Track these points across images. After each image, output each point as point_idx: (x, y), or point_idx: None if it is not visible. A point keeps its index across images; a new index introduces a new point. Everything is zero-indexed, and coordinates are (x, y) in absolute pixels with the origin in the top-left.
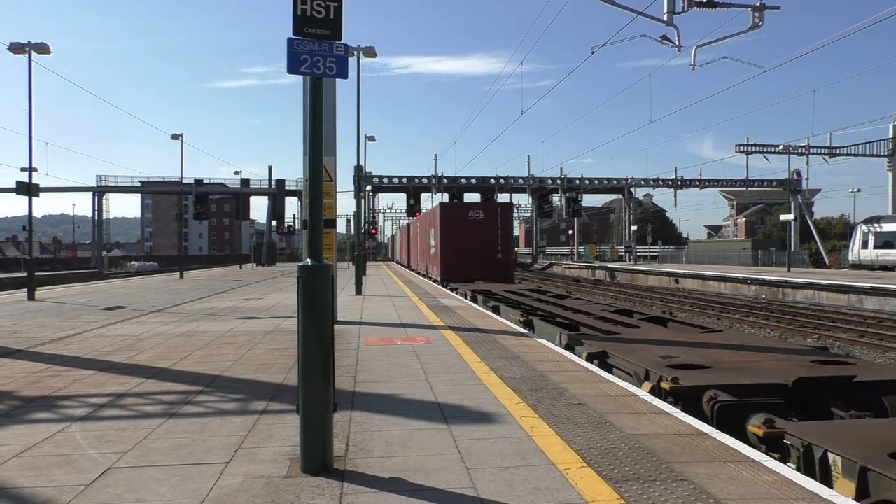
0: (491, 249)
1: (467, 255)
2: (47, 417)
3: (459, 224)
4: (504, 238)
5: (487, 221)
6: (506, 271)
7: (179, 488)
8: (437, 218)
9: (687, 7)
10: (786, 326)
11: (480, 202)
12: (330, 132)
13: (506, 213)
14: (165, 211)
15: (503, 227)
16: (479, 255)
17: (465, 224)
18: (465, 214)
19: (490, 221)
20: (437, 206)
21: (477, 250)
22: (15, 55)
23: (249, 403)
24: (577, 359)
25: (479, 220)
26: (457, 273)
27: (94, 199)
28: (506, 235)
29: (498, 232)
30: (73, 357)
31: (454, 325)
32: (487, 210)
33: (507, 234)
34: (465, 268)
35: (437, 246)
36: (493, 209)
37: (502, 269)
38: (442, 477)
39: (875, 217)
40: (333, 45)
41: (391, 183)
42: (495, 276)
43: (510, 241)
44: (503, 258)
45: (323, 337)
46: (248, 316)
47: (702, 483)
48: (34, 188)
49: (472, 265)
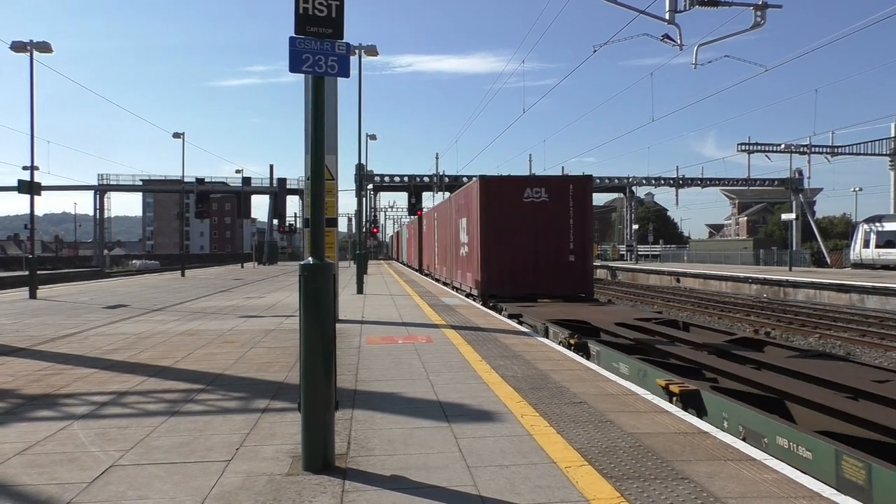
0: (559, 248)
1: (522, 256)
2: (49, 415)
3: (510, 209)
4: (580, 230)
5: (554, 205)
6: (582, 281)
7: (182, 486)
8: (473, 200)
9: (689, 6)
10: (787, 326)
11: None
12: (331, 131)
13: (582, 191)
14: (167, 210)
15: (578, 214)
16: (541, 256)
17: (518, 209)
18: (518, 194)
19: (558, 205)
20: (475, 183)
21: (538, 249)
22: (17, 54)
23: (251, 402)
24: (577, 357)
25: (540, 204)
26: (505, 284)
27: (95, 197)
28: (582, 226)
29: (570, 221)
30: (75, 355)
31: (455, 323)
32: (554, 187)
33: (585, 224)
34: (517, 276)
35: (475, 243)
36: (563, 186)
37: (577, 278)
38: (443, 475)
39: (877, 216)
40: (335, 44)
41: (393, 182)
42: (565, 287)
43: (589, 234)
44: (578, 261)
45: (324, 335)
46: (250, 314)
47: (702, 481)
48: (36, 187)
49: (528, 273)
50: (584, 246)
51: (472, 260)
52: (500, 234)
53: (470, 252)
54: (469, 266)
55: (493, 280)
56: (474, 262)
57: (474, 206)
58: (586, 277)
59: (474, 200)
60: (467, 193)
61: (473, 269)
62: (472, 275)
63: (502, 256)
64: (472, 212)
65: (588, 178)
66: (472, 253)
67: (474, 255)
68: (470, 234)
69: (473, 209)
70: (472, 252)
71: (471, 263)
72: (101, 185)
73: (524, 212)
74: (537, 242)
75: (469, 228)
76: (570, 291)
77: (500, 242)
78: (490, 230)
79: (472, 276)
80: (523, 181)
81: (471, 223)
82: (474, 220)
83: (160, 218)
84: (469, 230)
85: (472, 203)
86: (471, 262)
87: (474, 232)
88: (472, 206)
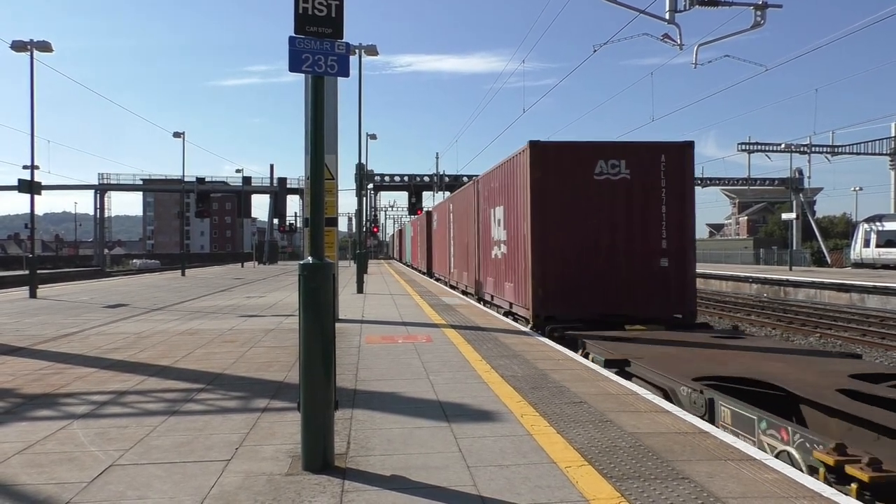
0: (647, 248)
1: (593, 260)
2: (49, 415)
3: (575, 190)
4: (676, 221)
5: (639, 183)
6: (680, 297)
7: (181, 486)
8: (519, 178)
9: (688, 5)
10: (787, 325)
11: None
12: (331, 130)
13: (680, 164)
14: (167, 209)
15: (675, 197)
16: (621, 260)
17: (587, 190)
18: (587, 168)
19: (645, 184)
20: (523, 152)
21: (615, 250)
22: (17, 53)
23: (251, 401)
24: (578, 357)
25: (619, 183)
26: (569, 301)
27: (95, 197)
28: (679, 215)
29: (662, 209)
30: (75, 355)
31: (456, 323)
32: (638, 159)
33: (683, 213)
34: (587, 290)
35: (520, 242)
36: (651, 156)
37: (672, 291)
38: (443, 475)
39: (877, 216)
40: (335, 44)
41: (393, 181)
42: (655, 305)
43: (689, 228)
44: (674, 267)
45: (324, 335)
46: (250, 314)
47: (702, 481)
48: (36, 186)
49: (603, 285)
50: (683, 245)
51: (513, 265)
52: (562, 229)
53: (511, 254)
54: (508, 274)
55: (551, 296)
56: (518, 269)
57: (520, 188)
58: (686, 291)
59: (520, 178)
60: (507, 171)
61: (517, 278)
62: (513, 286)
63: (565, 261)
64: (514, 196)
65: (688, 146)
66: (516, 256)
67: (519, 259)
68: (511, 228)
69: (518, 192)
70: (514, 254)
71: (512, 270)
72: (102, 185)
73: (596, 194)
74: (615, 240)
75: (509, 220)
76: (663, 312)
77: (562, 240)
78: (546, 222)
79: (515, 288)
80: (595, 149)
81: (512, 213)
82: (519, 207)
83: (160, 217)
84: (509, 223)
85: (517, 183)
86: (512, 268)
87: (518, 225)
88: (516, 188)
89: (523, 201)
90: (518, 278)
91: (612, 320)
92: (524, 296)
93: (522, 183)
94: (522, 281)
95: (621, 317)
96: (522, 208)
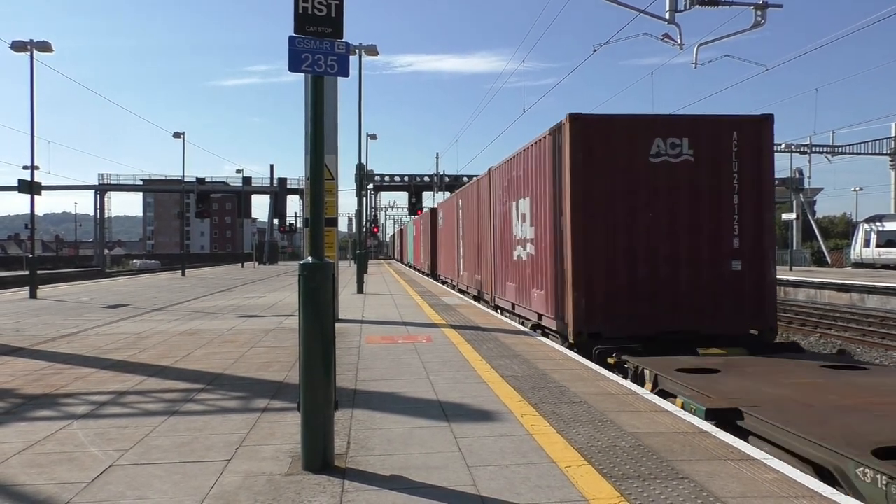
0: (716, 247)
1: (645, 261)
2: (49, 415)
3: (626, 175)
4: (752, 213)
5: (705, 167)
6: (757, 309)
7: (181, 486)
8: (553, 161)
9: (689, 5)
10: (787, 325)
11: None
12: (331, 130)
13: (756, 143)
14: (167, 209)
15: (750, 183)
16: (682, 261)
17: (641, 174)
18: (641, 148)
19: (712, 167)
20: (561, 128)
21: (677, 250)
22: (17, 53)
23: (251, 401)
24: (578, 357)
25: (680, 166)
26: (619, 315)
27: (96, 197)
28: (756, 205)
29: (733, 198)
30: (75, 355)
31: (456, 323)
32: (704, 136)
33: (761, 203)
34: (641, 301)
35: (555, 239)
36: (721, 133)
37: (748, 301)
38: (443, 475)
39: (877, 216)
40: (335, 44)
41: (393, 181)
42: (725, 319)
43: (768, 221)
44: (748, 271)
45: (324, 335)
46: (250, 314)
47: (702, 481)
48: (36, 186)
49: (661, 293)
50: (761, 244)
51: (544, 269)
52: (610, 224)
53: (540, 256)
54: (537, 279)
55: (597, 308)
56: (552, 274)
57: (554, 174)
58: (764, 301)
59: (554, 163)
60: (535, 155)
61: (549, 284)
62: (543, 295)
63: (613, 264)
64: (546, 186)
65: (766, 121)
66: (547, 258)
67: (552, 262)
68: (540, 224)
69: (551, 180)
70: (545, 256)
71: (542, 275)
72: (102, 185)
73: (652, 181)
74: (676, 238)
75: (538, 215)
76: (736, 327)
77: (610, 239)
78: (590, 216)
79: (547, 297)
80: (651, 124)
81: (542, 205)
82: (554, 198)
83: (160, 218)
84: (538, 218)
85: (549, 169)
86: (542, 272)
87: (552, 221)
88: (549, 175)
89: (559, 191)
90: (551, 285)
91: (672, 338)
92: (560, 307)
93: (558, 168)
94: (557, 289)
95: (684, 334)
96: (558, 199)
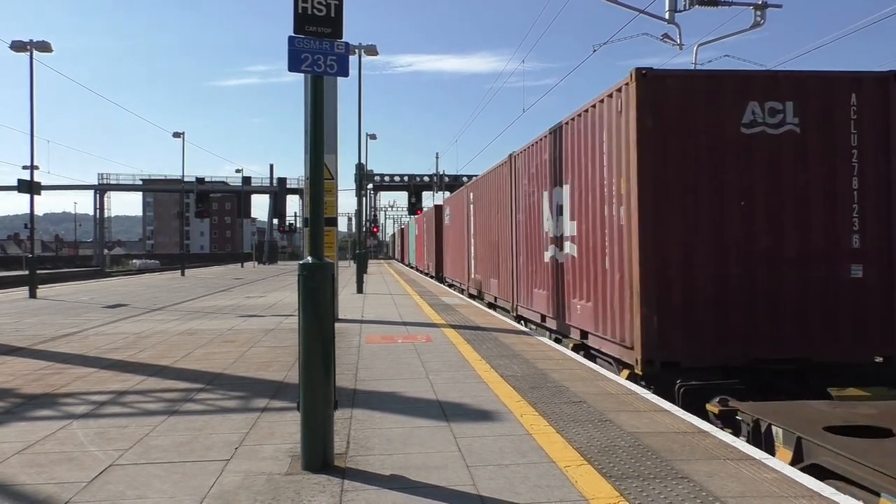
0: (830, 244)
1: (738, 265)
2: (49, 415)
3: (708, 148)
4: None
5: (815, 138)
6: (886, 329)
7: (181, 485)
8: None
9: (688, 5)
10: None
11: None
12: (331, 130)
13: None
14: (167, 209)
15: (871, 161)
16: (785, 264)
17: (730, 148)
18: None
19: (826, 139)
20: (626, 87)
21: (776, 247)
22: (17, 53)
23: (251, 401)
24: (578, 357)
25: (781, 138)
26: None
27: (95, 197)
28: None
29: (853, 181)
30: (75, 355)
31: (455, 323)
32: (812, 98)
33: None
34: (728, 314)
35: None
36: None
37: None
38: (442, 474)
39: None
40: (334, 44)
41: (392, 181)
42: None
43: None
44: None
45: (324, 335)
46: (250, 314)
47: (701, 481)
48: (36, 186)
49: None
50: (889, 241)
51: (592, 275)
52: (689, 216)
53: (587, 257)
54: (581, 287)
55: (674, 328)
56: (605, 282)
57: (615, 148)
58: (894, 318)
59: (610, 136)
60: (578, 128)
61: (601, 294)
62: (591, 308)
63: (694, 270)
64: (595, 166)
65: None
66: (598, 260)
67: (605, 266)
68: (586, 217)
69: (603, 159)
70: (594, 257)
71: (590, 282)
72: (101, 185)
73: (745, 158)
74: (778, 233)
75: (582, 206)
76: (857, 353)
77: (689, 235)
78: (663, 206)
79: (597, 311)
80: (742, 83)
81: (590, 194)
82: (612, 181)
83: (160, 217)
84: (582, 210)
85: (602, 141)
86: (590, 278)
87: (603, 212)
88: (600, 153)
89: (618, 173)
90: (604, 296)
91: (773, 368)
92: (619, 325)
93: (616, 144)
94: (612, 300)
95: (790, 362)
96: (615, 185)
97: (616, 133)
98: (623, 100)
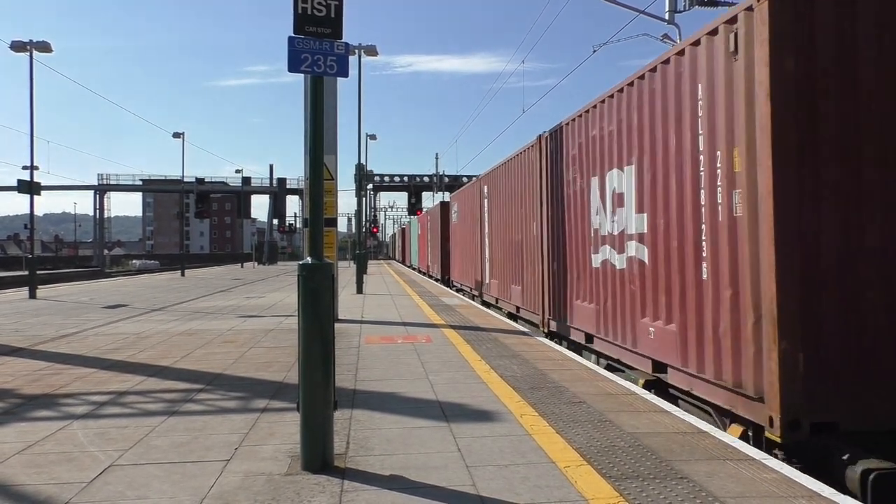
0: None
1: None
2: (49, 415)
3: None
4: None
5: None
6: None
7: (180, 486)
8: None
9: (688, 6)
10: None
11: None
12: (331, 130)
13: None
14: (167, 209)
15: None
16: None
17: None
18: None
19: None
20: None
21: None
22: (17, 54)
23: (250, 401)
24: (577, 357)
25: None
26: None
27: (95, 197)
28: None
29: None
30: (75, 355)
31: (455, 323)
32: None
33: None
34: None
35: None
36: None
37: None
38: (442, 475)
39: None
40: (334, 44)
41: (392, 182)
42: None
43: None
44: None
45: (324, 335)
46: (249, 314)
47: (701, 481)
48: (36, 187)
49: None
50: None
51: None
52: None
53: (664, 262)
54: (659, 304)
55: (833, 374)
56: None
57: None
58: None
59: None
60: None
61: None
62: (671, 331)
63: (861, 284)
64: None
65: None
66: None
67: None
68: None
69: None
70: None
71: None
72: (101, 185)
73: None
74: None
75: (657, 192)
76: None
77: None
78: (810, 185)
79: (685, 337)
80: None
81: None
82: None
83: (160, 218)
84: (657, 198)
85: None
86: (666, 290)
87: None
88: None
89: (727, 139)
90: (698, 317)
91: None
92: (729, 362)
93: (725, 97)
94: (718, 326)
95: None
96: (724, 157)
97: (725, 84)
98: (741, 33)
